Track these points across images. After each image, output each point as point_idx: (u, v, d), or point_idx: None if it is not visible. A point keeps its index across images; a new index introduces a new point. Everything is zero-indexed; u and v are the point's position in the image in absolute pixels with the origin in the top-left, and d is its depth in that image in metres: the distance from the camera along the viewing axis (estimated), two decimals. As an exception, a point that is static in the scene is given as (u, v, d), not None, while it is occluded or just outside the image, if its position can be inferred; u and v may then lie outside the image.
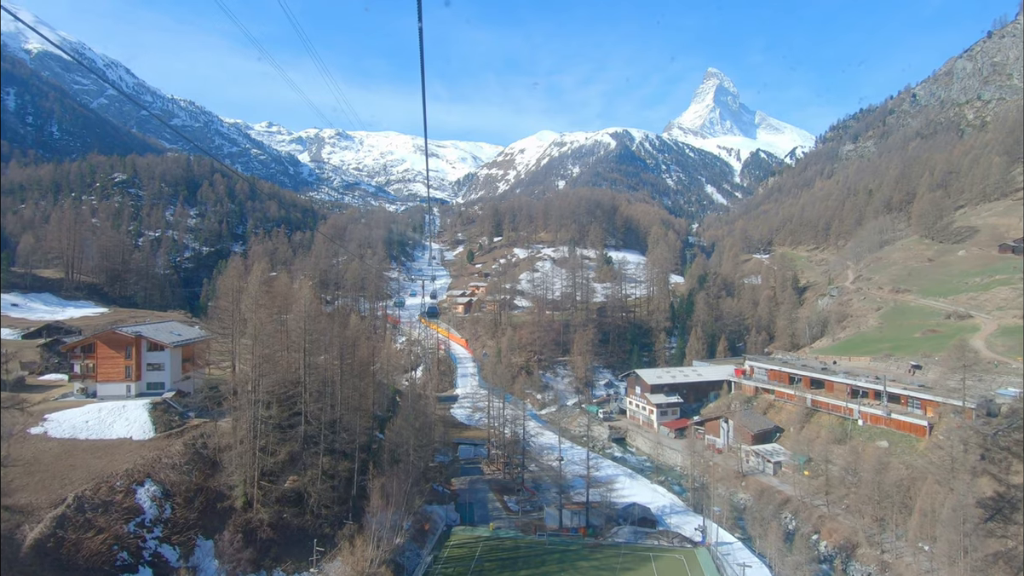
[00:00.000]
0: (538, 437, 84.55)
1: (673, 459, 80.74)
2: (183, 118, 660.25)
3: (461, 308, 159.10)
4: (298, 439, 44.18)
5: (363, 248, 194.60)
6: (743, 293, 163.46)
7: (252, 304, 42.40)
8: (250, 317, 42.62)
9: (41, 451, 38.37)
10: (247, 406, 40.40)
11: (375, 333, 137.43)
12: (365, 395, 56.95)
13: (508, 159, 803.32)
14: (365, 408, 54.08)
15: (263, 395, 39.75)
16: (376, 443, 58.97)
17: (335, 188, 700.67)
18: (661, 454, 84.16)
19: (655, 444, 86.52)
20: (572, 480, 66.74)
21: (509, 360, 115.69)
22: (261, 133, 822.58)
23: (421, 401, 77.52)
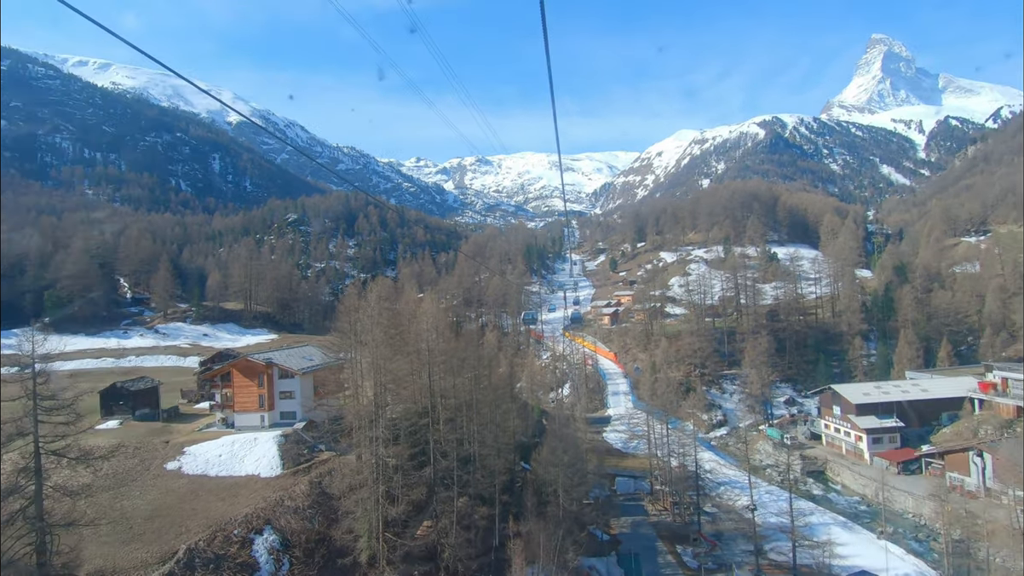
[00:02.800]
0: (711, 466, 70.53)
1: (900, 503, 61.78)
2: (346, 163, 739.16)
3: (607, 319, 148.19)
4: (426, 482, 37.85)
5: (503, 264, 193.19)
6: (957, 285, 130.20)
7: (369, 324, 37.36)
8: (367, 339, 37.71)
9: (169, 491, 36.59)
10: (366, 443, 35.00)
11: (519, 350, 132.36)
12: (505, 422, 49.74)
13: (645, 164, 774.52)
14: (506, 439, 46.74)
15: (382, 431, 33.93)
16: (519, 479, 51.24)
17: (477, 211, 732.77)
18: (880, 495, 65.19)
19: (869, 481, 67.62)
20: (765, 529, 52.56)
21: (666, 375, 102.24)
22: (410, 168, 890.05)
23: (570, 427, 68.62)
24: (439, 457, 38.38)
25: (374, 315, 37.19)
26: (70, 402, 24.50)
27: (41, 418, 23.27)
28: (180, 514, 33.45)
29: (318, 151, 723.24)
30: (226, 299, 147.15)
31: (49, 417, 23.68)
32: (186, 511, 33.84)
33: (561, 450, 48.62)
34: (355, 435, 36.52)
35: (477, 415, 44.88)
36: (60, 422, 24.19)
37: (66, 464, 25.41)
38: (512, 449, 50.47)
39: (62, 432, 24.23)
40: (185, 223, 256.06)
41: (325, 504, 36.85)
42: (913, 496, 61.75)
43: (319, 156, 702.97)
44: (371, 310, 37.43)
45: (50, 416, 23.70)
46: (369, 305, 38.60)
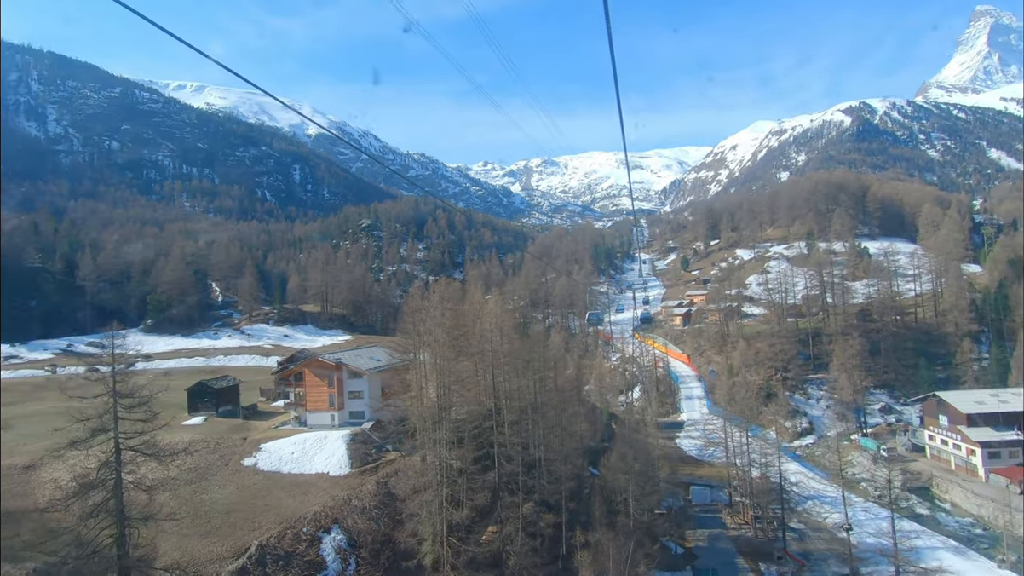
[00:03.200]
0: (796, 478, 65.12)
1: None
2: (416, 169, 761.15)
3: (679, 320, 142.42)
4: (491, 486, 36.94)
5: (570, 264, 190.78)
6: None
7: (431, 324, 37.02)
8: (429, 340, 37.39)
9: (245, 487, 37.89)
10: (430, 445, 34.60)
11: (586, 351, 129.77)
12: (572, 426, 48.09)
13: (718, 159, 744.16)
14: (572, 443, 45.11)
15: (446, 433, 33.38)
16: (587, 486, 49.34)
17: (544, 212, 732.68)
18: (1000, 517, 57.78)
19: (985, 501, 60.11)
20: (862, 551, 47.62)
21: (744, 378, 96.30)
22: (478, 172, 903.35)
23: (640, 432, 65.88)
24: (504, 461, 37.43)
25: (436, 316, 36.81)
26: (146, 399, 25.51)
27: (121, 414, 24.40)
28: (254, 510, 34.51)
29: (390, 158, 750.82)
30: (305, 302, 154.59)
31: (128, 414, 24.80)
32: (259, 507, 34.89)
33: (631, 457, 46.34)
34: (418, 437, 36.29)
35: (543, 418, 43.58)
36: (138, 419, 25.29)
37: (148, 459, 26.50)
38: (579, 454, 48.73)
39: (140, 429, 25.30)
40: (269, 231, 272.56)
41: (391, 505, 36.88)
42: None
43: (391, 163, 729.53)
44: (433, 311, 37.07)
45: (129, 413, 24.80)
46: (431, 305, 38.29)
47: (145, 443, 25.14)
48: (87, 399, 23.43)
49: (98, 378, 23.97)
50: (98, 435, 23.47)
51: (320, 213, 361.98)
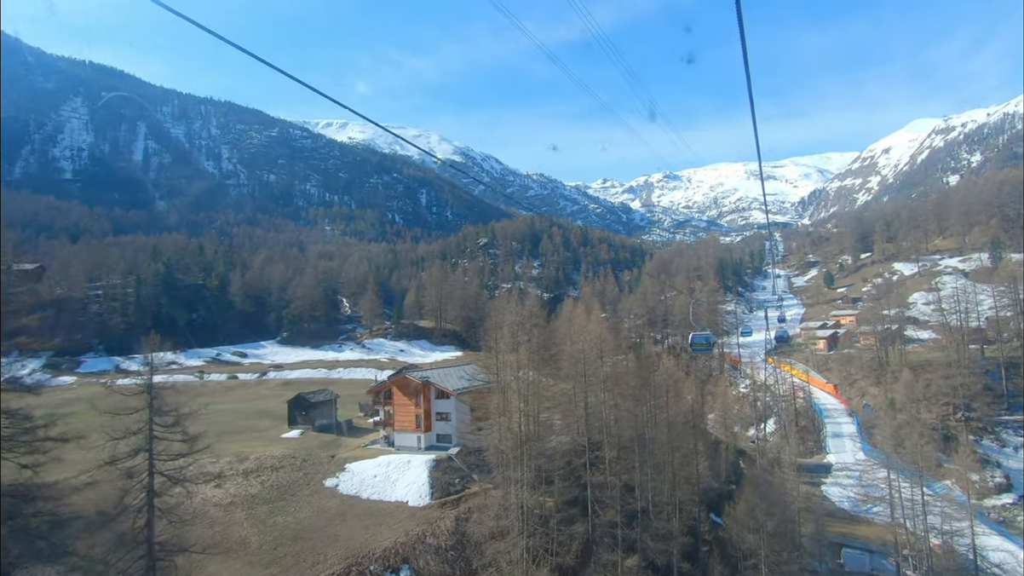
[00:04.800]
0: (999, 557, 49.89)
1: None
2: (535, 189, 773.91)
3: (822, 343, 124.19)
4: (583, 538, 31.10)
5: (691, 280, 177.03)
6: None
7: (511, 341, 32.50)
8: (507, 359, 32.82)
9: (320, 511, 35.84)
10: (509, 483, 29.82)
11: (710, 376, 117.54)
12: (688, 466, 40.60)
13: (867, 164, 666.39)
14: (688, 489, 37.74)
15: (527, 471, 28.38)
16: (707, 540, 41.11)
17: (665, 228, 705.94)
18: None
19: None
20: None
21: (911, 416, 79.44)
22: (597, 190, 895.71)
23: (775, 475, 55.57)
24: (598, 508, 31.47)
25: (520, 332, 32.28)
26: (173, 420, 23.58)
27: (158, 434, 22.81)
28: (323, 539, 32.14)
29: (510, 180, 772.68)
30: (421, 317, 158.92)
31: (166, 434, 23.18)
32: (329, 536, 32.45)
33: (763, 510, 37.66)
34: (495, 473, 31.74)
35: (651, 456, 36.85)
36: (177, 439, 23.59)
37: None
38: (696, 502, 40.95)
39: (177, 451, 23.57)
40: (395, 250, 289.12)
41: (470, 546, 32.55)
42: None
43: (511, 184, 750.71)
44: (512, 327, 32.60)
45: (167, 433, 23.17)
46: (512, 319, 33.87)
47: (179, 468, 23.29)
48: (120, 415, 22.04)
49: (135, 391, 22.77)
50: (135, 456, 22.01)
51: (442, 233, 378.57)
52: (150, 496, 22.01)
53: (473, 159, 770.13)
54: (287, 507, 36.25)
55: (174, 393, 24.50)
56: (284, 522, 34.40)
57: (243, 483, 34.09)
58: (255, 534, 30.21)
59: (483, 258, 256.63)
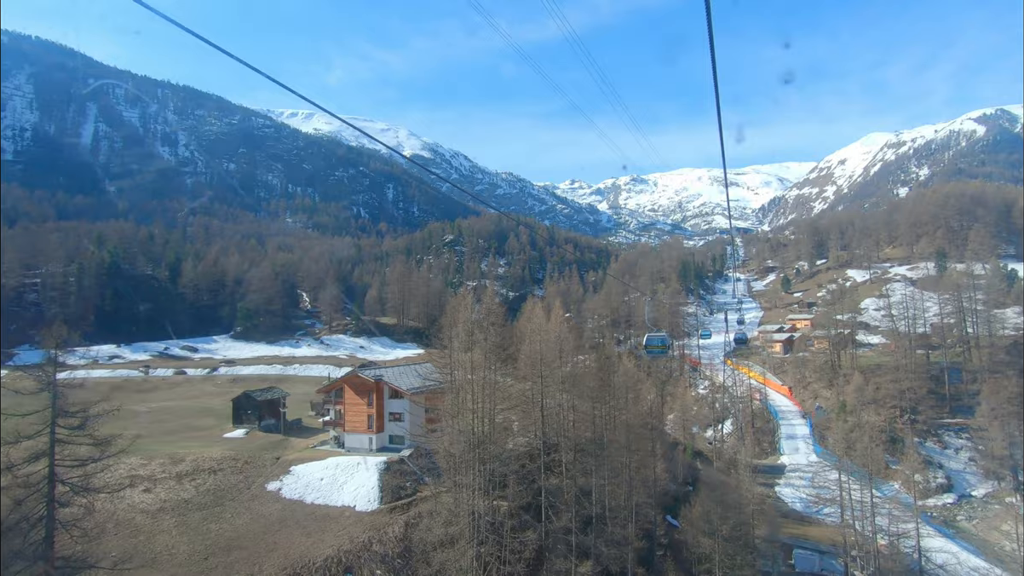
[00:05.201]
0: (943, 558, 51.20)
1: None
2: (504, 188, 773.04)
3: (778, 346, 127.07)
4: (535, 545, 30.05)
5: (654, 283, 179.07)
6: None
7: (466, 340, 31.22)
8: (461, 359, 31.53)
9: (259, 516, 33.74)
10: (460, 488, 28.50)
11: (670, 377, 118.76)
12: (645, 469, 40.07)
13: (824, 174, 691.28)
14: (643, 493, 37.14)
15: (478, 476, 27.12)
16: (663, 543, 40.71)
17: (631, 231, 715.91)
18: None
19: None
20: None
21: (859, 419, 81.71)
22: (565, 190, 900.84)
23: (731, 476, 55.89)
24: (552, 514, 30.47)
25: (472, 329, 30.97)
26: (80, 422, 21.31)
27: (62, 436, 20.56)
28: (260, 547, 30.15)
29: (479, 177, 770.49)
30: (383, 314, 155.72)
31: (72, 437, 20.93)
32: (267, 544, 30.48)
33: (719, 514, 37.45)
34: (446, 477, 30.38)
35: (609, 459, 36.11)
36: (87, 443, 21.35)
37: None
38: (653, 504, 40.50)
39: (86, 455, 21.35)
40: (360, 245, 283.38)
41: (417, 553, 31.05)
42: None
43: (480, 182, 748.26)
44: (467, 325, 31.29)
45: (73, 436, 20.92)
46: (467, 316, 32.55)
47: (84, 476, 21.02)
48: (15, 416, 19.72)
49: (34, 389, 20.45)
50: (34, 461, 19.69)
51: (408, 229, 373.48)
52: (50, 507, 19.70)
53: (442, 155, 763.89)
54: (223, 513, 33.96)
55: (84, 391, 22.19)
56: (219, 530, 32.15)
57: (176, 487, 31.70)
58: (185, 543, 28.03)
59: (449, 255, 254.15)
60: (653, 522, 40.14)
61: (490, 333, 34.04)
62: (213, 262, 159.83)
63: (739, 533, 38.84)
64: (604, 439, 36.20)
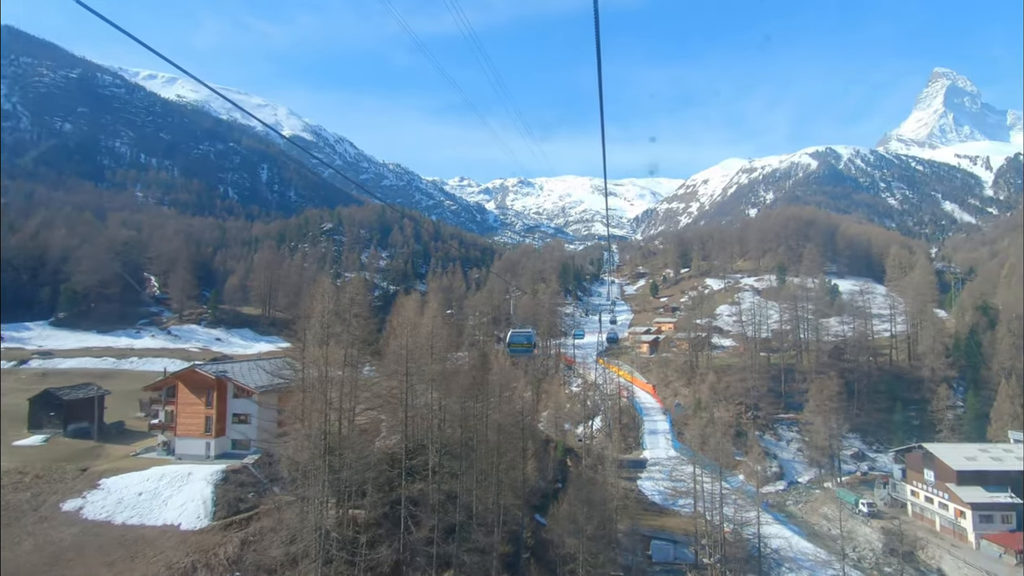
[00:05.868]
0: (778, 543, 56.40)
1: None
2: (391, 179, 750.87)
3: (645, 347, 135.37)
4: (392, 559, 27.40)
5: (536, 282, 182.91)
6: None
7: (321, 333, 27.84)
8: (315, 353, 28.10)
9: (48, 543, 27.51)
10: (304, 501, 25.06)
11: (545, 375, 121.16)
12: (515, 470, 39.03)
13: (690, 191, 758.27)
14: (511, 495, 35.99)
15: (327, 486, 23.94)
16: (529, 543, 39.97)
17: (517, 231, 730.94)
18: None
19: (979, 573, 53.18)
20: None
21: (711, 414, 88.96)
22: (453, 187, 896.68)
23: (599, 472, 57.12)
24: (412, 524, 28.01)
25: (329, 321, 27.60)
26: None
27: None
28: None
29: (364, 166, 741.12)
30: (246, 303, 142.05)
31: None
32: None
33: (584, 513, 37.41)
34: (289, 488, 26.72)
35: (478, 461, 34.39)
36: None
37: None
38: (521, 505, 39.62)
39: None
40: (224, 227, 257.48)
41: (256, 575, 26.89)
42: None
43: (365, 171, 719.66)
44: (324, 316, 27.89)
45: None
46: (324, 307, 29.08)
47: None
48: None
49: None
50: None
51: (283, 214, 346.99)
52: None
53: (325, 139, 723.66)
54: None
55: None
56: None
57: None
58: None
59: (327, 244, 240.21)
60: (521, 524, 39.27)
61: (352, 325, 30.70)
62: (32, 235, 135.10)
63: (603, 531, 39.32)
64: (474, 440, 34.49)
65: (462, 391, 37.01)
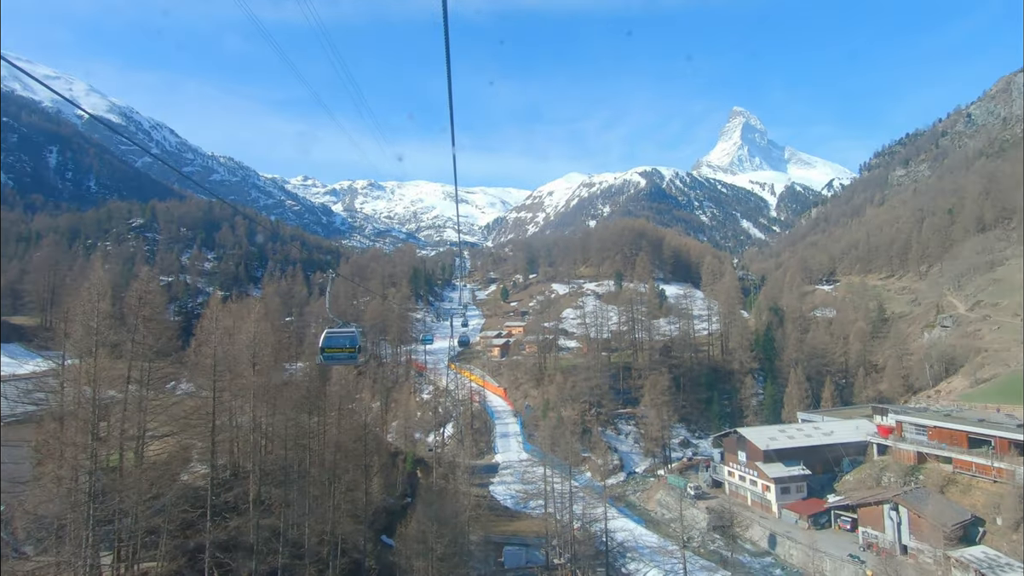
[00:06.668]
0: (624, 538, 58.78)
1: (821, 564, 54.83)
2: (222, 174, 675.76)
3: (496, 351, 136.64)
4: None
5: (386, 287, 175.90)
6: (819, 328, 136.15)
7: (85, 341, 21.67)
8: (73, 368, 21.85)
9: None
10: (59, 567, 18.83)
11: (396, 384, 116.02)
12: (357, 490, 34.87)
13: (537, 202, 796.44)
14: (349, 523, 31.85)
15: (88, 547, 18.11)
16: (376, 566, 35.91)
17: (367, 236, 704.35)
18: (793, 555, 58.41)
19: (783, 539, 60.71)
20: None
21: (559, 414, 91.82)
22: (297, 186, 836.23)
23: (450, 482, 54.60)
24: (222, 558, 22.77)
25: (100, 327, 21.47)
26: None
27: None
28: None
29: (189, 157, 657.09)
30: (19, 312, 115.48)
31: None
32: None
33: (434, 531, 34.59)
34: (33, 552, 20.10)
35: (311, 486, 29.70)
36: None
37: None
38: (365, 529, 35.50)
39: None
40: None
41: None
42: (828, 557, 55.21)
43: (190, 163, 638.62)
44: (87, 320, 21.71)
45: None
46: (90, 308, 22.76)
47: None
48: None
49: None
50: None
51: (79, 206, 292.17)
52: None
53: (138, 124, 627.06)
54: None
55: None
56: None
57: None
58: None
59: (136, 242, 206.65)
60: (363, 551, 35.10)
61: (141, 331, 24.44)
62: None
63: (454, 548, 36.89)
64: (307, 462, 29.80)
65: (294, 406, 32.01)
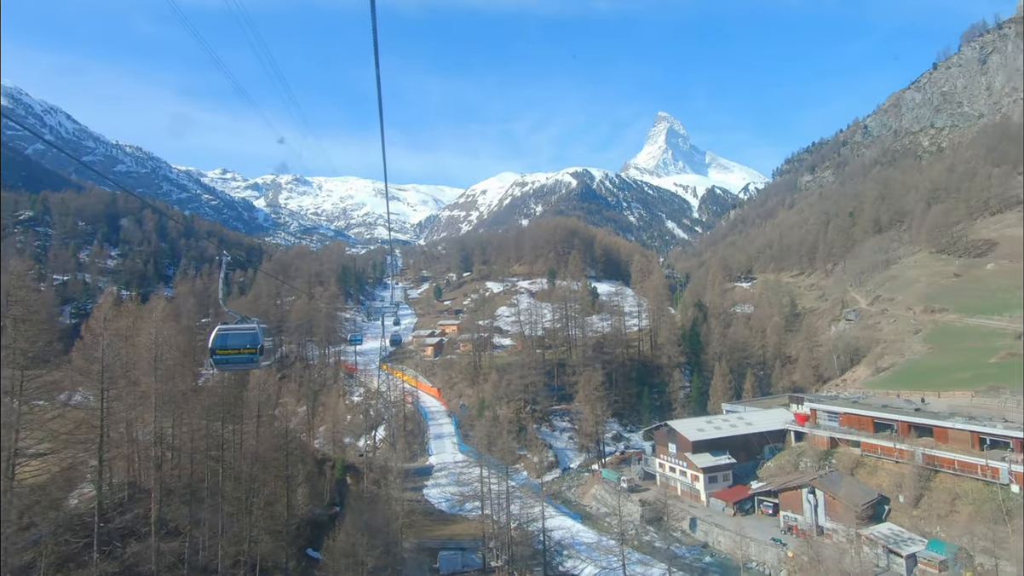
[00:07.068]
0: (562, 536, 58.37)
1: (747, 550, 56.99)
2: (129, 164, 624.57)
3: (430, 350, 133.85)
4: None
5: (312, 285, 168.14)
6: (739, 323, 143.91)
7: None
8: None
9: None
10: None
11: (324, 387, 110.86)
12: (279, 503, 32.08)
13: (470, 200, 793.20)
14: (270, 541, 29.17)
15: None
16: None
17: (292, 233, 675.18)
18: (721, 542, 60.49)
19: (711, 527, 62.74)
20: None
21: (495, 412, 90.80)
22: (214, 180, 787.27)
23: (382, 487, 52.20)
24: None
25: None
26: None
27: None
28: None
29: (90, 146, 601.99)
30: None
31: None
32: None
33: (364, 543, 32.40)
34: None
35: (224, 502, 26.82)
36: None
37: None
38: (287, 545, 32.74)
39: None
40: None
41: None
42: (755, 541, 57.58)
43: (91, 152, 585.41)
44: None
45: None
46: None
47: None
48: None
49: None
50: None
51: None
52: None
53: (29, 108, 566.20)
54: None
55: None
56: None
57: None
58: None
59: (24, 237, 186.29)
60: (285, 569, 32.29)
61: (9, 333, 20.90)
62: None
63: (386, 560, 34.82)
64: (219, 476, 26.89)
65: (205, 415, 28.87)
